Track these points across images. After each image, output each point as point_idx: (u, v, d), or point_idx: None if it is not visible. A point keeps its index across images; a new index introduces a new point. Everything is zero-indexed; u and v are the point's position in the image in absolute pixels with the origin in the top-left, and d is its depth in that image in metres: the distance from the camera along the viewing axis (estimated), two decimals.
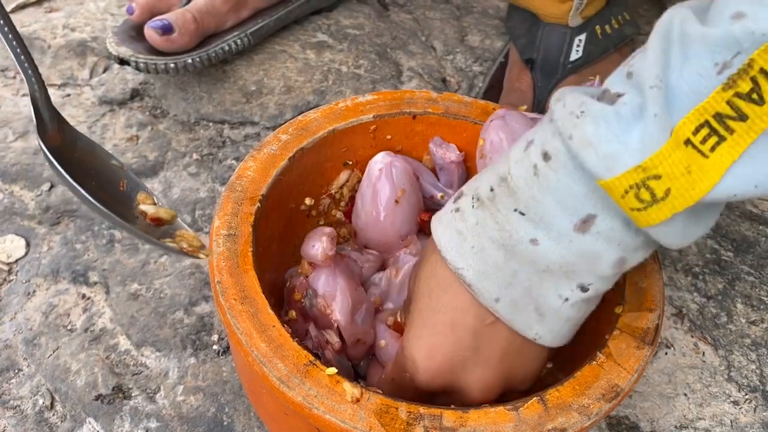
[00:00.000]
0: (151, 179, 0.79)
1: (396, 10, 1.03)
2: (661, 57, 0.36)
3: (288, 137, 0.57)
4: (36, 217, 0.75)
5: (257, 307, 0.46)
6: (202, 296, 0.68)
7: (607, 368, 0.46)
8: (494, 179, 0.44)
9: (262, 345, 0.44)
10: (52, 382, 0.62)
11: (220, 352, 0.65)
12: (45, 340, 0.65)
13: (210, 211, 0.76)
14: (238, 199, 0.53)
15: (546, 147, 0.41)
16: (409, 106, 0.61)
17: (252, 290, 0.47)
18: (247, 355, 0.44)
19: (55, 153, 0.49)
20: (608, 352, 0.47)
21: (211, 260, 0.49)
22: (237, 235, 0.50)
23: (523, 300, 0.44)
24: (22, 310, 0.67)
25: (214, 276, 0.48)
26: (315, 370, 0.43)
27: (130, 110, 0.86)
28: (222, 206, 0.52)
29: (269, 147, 0.56)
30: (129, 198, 0.52)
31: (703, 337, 0.68)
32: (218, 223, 0.51)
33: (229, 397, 0.61)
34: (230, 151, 0.82)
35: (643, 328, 0.48)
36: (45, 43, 0.95)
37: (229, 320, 0.45)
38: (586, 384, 0.45)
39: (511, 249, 0.43)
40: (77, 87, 0.89)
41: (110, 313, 0.67)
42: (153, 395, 0.62)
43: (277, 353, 0.44)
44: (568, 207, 0.40)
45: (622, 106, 0.37)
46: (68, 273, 0.70)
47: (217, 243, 0.50)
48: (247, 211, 0.52)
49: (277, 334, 0.45)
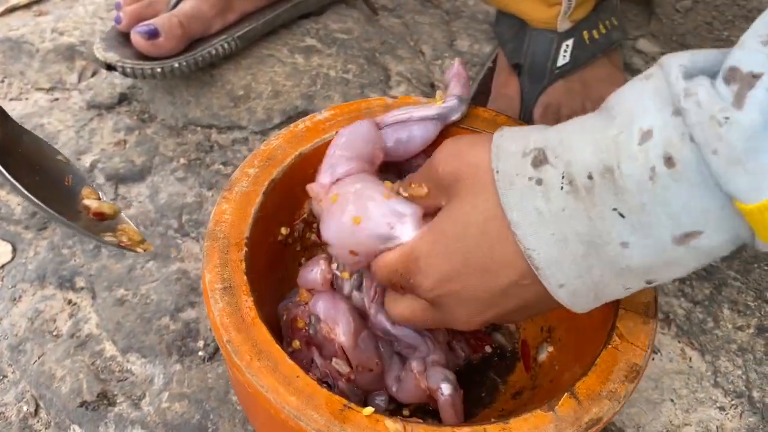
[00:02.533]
0: (139, 184, 0.78)
1: (385, 14, 1.03)
2: None
3: (256, 170, 0.56)
4: (22, 222, 0.75)
5: (275, 359, 0.45)
6: (188, 302, 0.68)
7: (622, 349, 0.47)
8: (595, 164, 0.38)
9: (291, 399, 0.43)
10: (37, 388, 0.62)
11: (206, 359, 0.64)
12: (30, 346, 0.65)
13: (197, 216, 0.75)
14: (222, 247, 0.51)
15: (671, 150, 0.34)
16: (367, 116, 0.59)
17: (265, 343, 0.45)
18: (279, 412, 0.43)
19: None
20: (620, 333, 0.48)
21: (214, 319, 0.47)
22: (233, 287, 0.48)
23: (586, 289, 0.41)
24: (7, 316, 0.67)
25: (222, 335, 0.46)
26: (352, 413, 0.42)
27: (118, 114, 0.86)
28: (209, 258, 0.50)
29: (240, 185, 0.55)
30: (73, 193, 0.53)
31: (690, 343, 0.68)
32: (210, 277, 0.49)
33: (214, 404, 0.61)
34: (218, 156, 0.82)
35: (644, 302, 0.50)
36: (33, 47, 0.95)
37: (250, 379, 0.44)
38: (608, 369, 0.46)
39: (596, 247, 0.39)
40: (65, 91, 0.89)
41: (96, 318, 0.67)
42: (138, 402, 0.61)
43: (309, 404, 0.43)
44: (677, 220, 0.36)
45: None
46: (55, 278, 0.70)
47: (215, 299, 0.47)
48: (236, 259, 0.50)
49: (304, 384, 0.44)
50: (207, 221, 0.74)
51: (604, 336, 0.49)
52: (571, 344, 0.56)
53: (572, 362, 0.53)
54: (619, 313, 0.49)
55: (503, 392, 0.60)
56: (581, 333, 0.54)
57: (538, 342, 0.60)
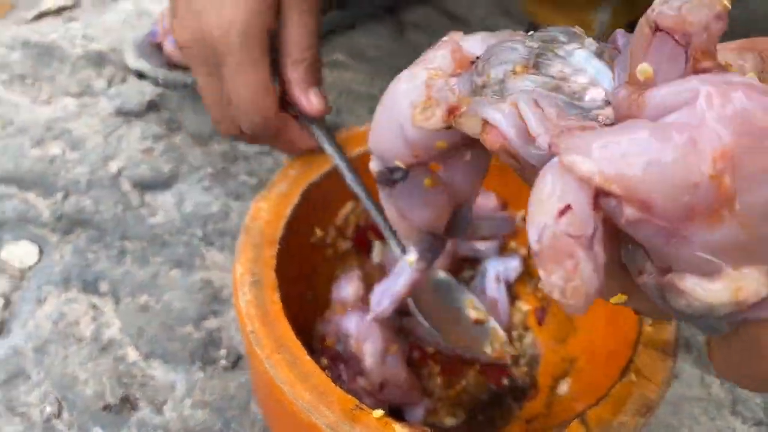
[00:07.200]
0: (165, 192, 0.79)
1: (413, 31, 1.04)
2: None
3: (296, 172, 0.58)
4: (49, 225, 0.75)
5: (294, 355, 0.46)
6: (211, 311, 0.69)
7: (638, 383, 0.47)
8: None
9: (306, 394, 0.44)
10: (60, 390, 0.63)
11: (228, 368, 0.65)
12: (54, 348, 0.65)
13: (222, 226, 0.76)
14: (256, 243, 0.52)
15: None
16: None
17: (286, 338, 0.47)
18: (292, 404, 0.44)
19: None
20: (637, 368, 0.48)
21: (240, 309, 0.48)
22: (262, 282, 0.50)
23: None
24: (32, 317, 0.68)
25: (246, 325, 0.47)
26: (363, 414, 0.43)
27: (146, 122, 0.87)
28: (242, 252, 0.52)
29: (280, 185, 0.56)
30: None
31: (710, 369, 0.68)
32: (241, 270, 0.51)
33: (235, 413, 0.62)
34: (243, 167, 0.82)
35: (665, 339, 0.50)
36: (64, 52, 0.96)
37: (269, 370, 0.45)
38: (621, 401, 0.46)
39: None
40: (94, 97, 0.90)
41: (119, 323, 0.68)
42: (160, 407, 0.62)
43: (322, 401, 0.43)
44: None
45: None
46: (79, 282, 0.71)
47: (243, 291, 0.49)
48: (267, 255, 0.51)
49: (319, 381, 0.45)
50: (232, 231, 0.75)
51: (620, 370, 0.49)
52: (589, 376, 0.56)
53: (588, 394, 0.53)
54: (638, 349, 0.49)
55: (518, 417, 0.61)
56: (600, 366, 0.55)
57: (559, 373, 0.60)
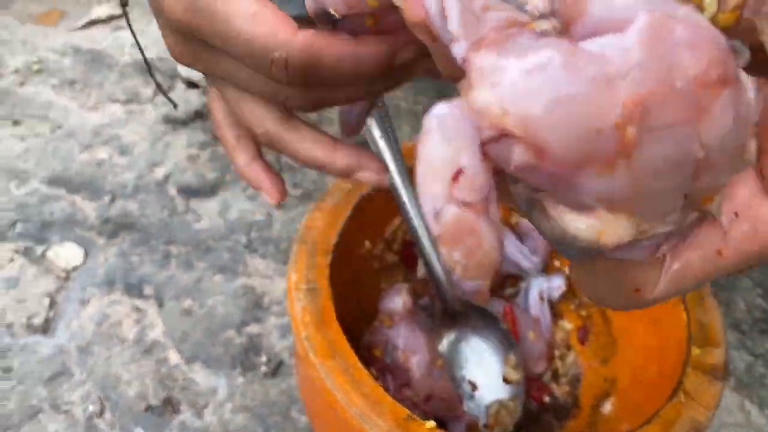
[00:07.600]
0: (210, 198, 0.80)
1: None
2: None
3: (350, 186, 0.58)
4: (95, 227, 0.77)
5: (348, 362, 0.46)
6: (253, 317, 0.69)
7: (687, 406, 0.47)
8: None
9: (358, 401, 0.44)
10: (103, 390, 0.63)
11: (268, 374, 0.65)
12: (97, 349, 0.66)
13: (265, 234, 0.77)
14: (310, 251, 0.53)
15: None
16: None
17: (340, 345, 0.47)
18: (345, 411, 0.44)
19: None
20: (686, 390, 0.48)
21: (295, 316, 0.49)
22: (316, 289, 0.50)
23: None
24: (77, 318, 0.69)
25: (300, 332, 0.48)
26: (415, 424, 0.43)
27: (192, 130, 0.88)
28: (297, 260, 0.52)
29: (333, 196, 0.57)
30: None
31: (749, 396, 0.68)
32: (296, 277, 0.51)
33: (276, 419, 0.62)
34: (287, 177, 0.83)
35: (713, 364, 0.49)
36: (113, 59, 0.98)
37: (322, 376, 0.45)
38: (670, 422, 0.46)
39: None
40: (141, 104, 0.92)
41: (162, 326, 0.69)
42: (201, 411, 0.62)
43: (374, 409, 0.44)
44: None
45: None
46: (123, 284, 0.72)
47: (298, 298, 0.50)
48: (321, 264, 0.52)
49: (371, 390, 0.45)
50: (275, 239, 0.76)
51: (668, 392, 0.48)
52: (633, 397, 0.56)
53: (632, 414, 0.53)
54: (686, 371, 0.49)
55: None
56: (645, 387, 0.54)
57: (600, 392, 0.60)
